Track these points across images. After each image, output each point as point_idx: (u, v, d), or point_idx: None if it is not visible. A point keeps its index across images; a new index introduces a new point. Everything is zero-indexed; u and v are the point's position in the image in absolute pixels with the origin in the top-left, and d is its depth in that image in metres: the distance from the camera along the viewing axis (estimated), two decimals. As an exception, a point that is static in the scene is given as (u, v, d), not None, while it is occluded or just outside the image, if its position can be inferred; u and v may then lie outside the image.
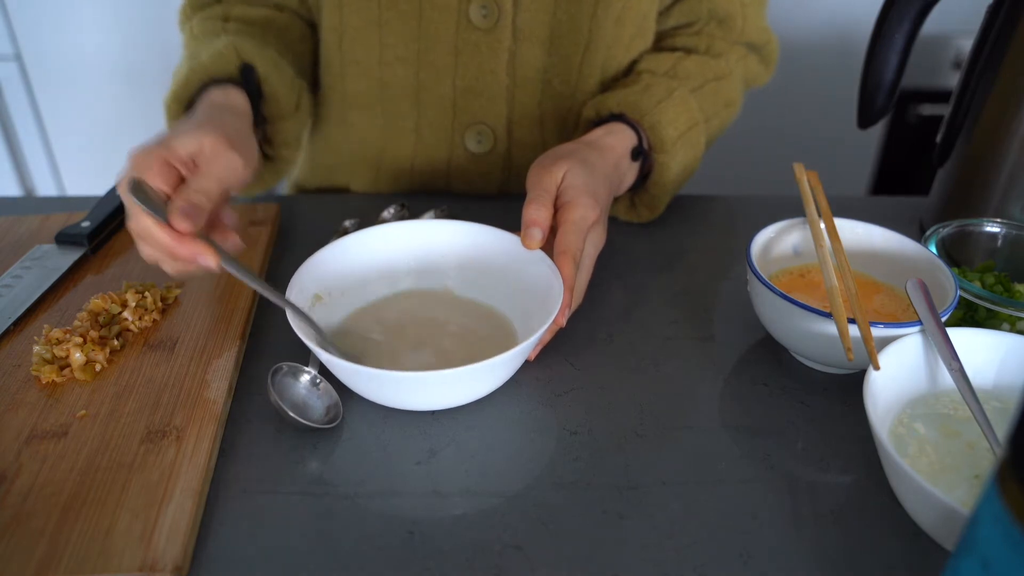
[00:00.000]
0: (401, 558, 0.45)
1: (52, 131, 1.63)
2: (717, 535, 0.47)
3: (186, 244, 0.51)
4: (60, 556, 0.44)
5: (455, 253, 0.64)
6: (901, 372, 0.51)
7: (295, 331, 0.52)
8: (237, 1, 0.77)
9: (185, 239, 0.51)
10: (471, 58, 0.75)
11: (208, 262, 0.51)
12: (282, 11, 0.78)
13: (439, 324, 0.61)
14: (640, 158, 0.72)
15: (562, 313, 0.56)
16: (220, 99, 0.63)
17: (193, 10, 0.78)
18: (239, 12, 0.76)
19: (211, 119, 0.59)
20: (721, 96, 0.79)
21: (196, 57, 0.67)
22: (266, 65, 0.69)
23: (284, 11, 0.78)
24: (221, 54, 0.67)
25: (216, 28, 0.73)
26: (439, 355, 0.58)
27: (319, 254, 0.60)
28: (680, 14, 0.80)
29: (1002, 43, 0.70)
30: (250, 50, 0.68)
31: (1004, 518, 0.29)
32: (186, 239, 0.51)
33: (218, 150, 0.55)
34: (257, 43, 0.71)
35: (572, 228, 0.59)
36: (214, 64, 0.66)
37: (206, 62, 0.66)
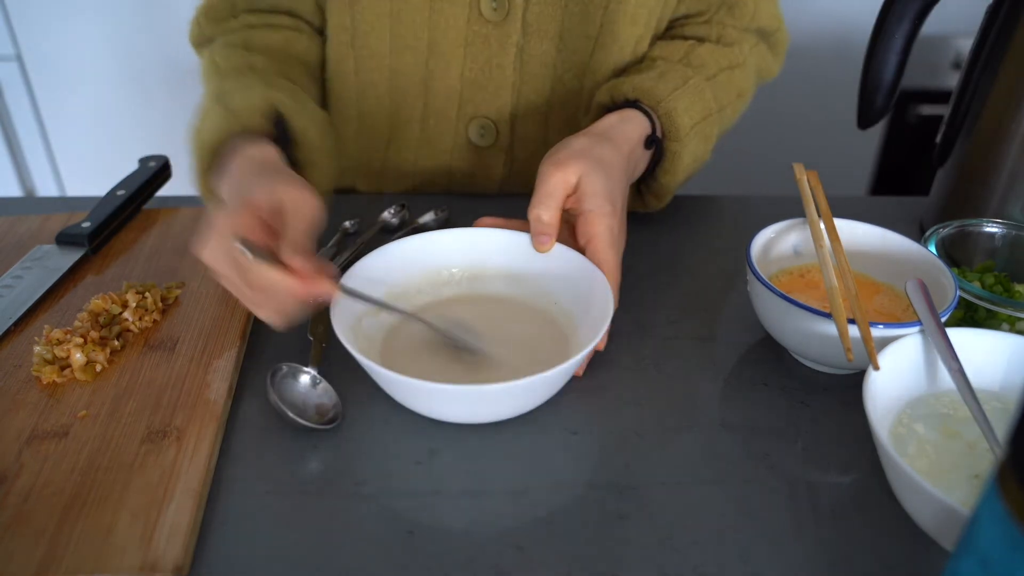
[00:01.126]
0: (401, 558, 0.45)
1: (52, 131, 1.63)
2: (717, 535, 0.47)
3: (311, 282, 0.51)
4: (61, 556, 0.44)
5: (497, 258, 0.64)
6: (901, 372, 0.51)
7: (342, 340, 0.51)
8: (256, 20, 0.76)
9: (308, 278, 0.51)
10: (480, 51, 0.75)
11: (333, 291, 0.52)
12: (299, 28, 0.77)
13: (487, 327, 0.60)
14: (653, 146, 0.71)
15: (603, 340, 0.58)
16: (259, 156, 0.61)
17: (211, 25, 0.76)
18: (260, 40, 0.74)
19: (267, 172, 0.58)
20: (734, 85, 0.78)
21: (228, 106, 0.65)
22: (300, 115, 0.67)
23: (301, 27, 0.77)
24: (255, 107, 0.65)
25: (241, 63, 0.71)
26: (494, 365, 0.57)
27: (367, 259, 0.60)
28: (691, 2, 0.80)
29: (1002, 43, 0.70)
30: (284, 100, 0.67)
31: (1004, 518, 0.29)
32: (308, 277, 0.51)
33: (298, 198, 0.55)
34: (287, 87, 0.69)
35: (602, 244, 0.59)
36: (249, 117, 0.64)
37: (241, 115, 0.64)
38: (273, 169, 0.60)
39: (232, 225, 0.52)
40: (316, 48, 0.79)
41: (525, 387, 0.49)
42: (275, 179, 0.56)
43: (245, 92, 0.66)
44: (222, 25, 0.76)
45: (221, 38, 0.75)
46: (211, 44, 0.76)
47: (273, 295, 0.51)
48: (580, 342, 0.57)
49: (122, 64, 1.56)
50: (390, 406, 0.55)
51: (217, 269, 0.52)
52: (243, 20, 0.76)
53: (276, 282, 0.50)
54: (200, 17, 0.77)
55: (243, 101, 0.65)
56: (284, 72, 0.73)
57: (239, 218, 0.52)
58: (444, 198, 0.83)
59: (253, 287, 0.51)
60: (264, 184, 0.55)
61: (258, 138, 0.63)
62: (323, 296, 0.52)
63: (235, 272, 0.52)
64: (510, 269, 0.63)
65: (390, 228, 0.77)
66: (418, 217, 0.78)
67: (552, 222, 0.59)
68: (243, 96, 0.66)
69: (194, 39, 0.79)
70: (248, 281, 0.51)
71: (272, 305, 0.52)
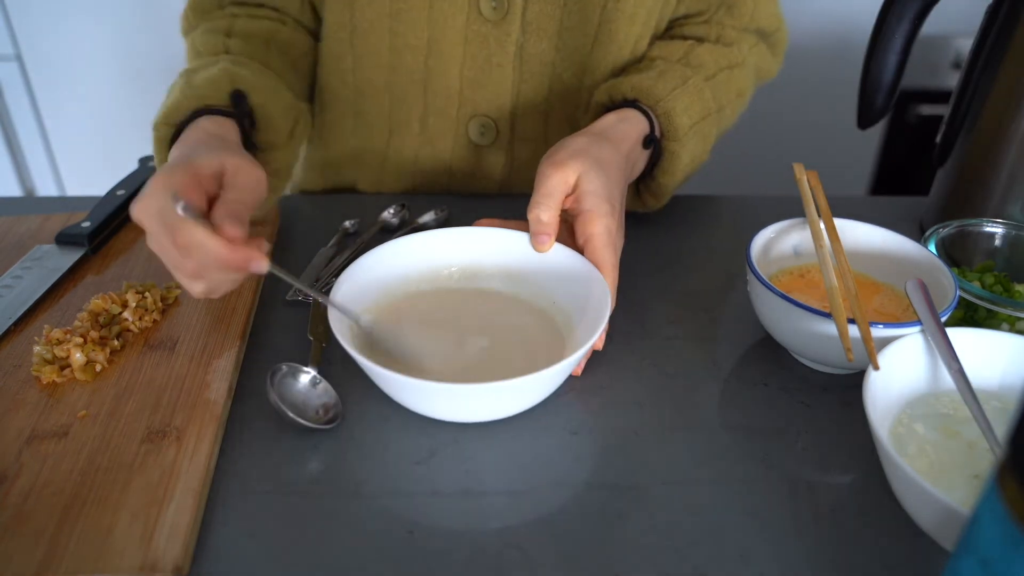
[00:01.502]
0: (401, 558, 0.45)
1: (52, 131, 1.63)
2: (717, 535, 0.47)
3: (238, 250, 0.50)
4: (61, 556, 0.44)
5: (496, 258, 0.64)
6: (901, 372, 0.51)
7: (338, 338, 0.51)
8: (241, 11, 0.76)
9: (237, 245, 0.50)
10: (479, 49, 0.76)
11: (261, 265, 0.51)
12: (284, 22, 0.78)
13: (484, 323, 0.61)
14: (651, 146, 0.71)
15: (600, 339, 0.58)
16: (214, 129, 0.62)
17: (196, 16, 0.77)
18: (242, 26, 0.75)
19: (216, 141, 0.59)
20: (733, 86, 0.78)
21: (191, 80, 0.66)
22: (262, 93, 0.67)
23: (287, 22, 0.78)
24: (215, 81, 0.65)
25: (218, 45, 0.72)
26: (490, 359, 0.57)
27: (361, 261, 0.59)
28: (691, 2, 0.80)
29: (1002, 43, 0.70)
30: (246, 76, 0.67)
31: (1004, 518, 0.29)
32: (238, 245, 0.50)
33: (241, 166, 0.55)
34: (255, 68, 0.69)
35: (601, 243, 0.59)
36: (207, 90, 0.64)
37: (199, 88, 0.65)
38: (223, 140, 0.60)
39: (168, 182, 0.51)
40: (300, 42, 0.79)
41: (523, 385, 0.49)
42: (222, 147, 0.56)
43: (208, 68, 0.67)
44: (208, 16, 0.77)
45: (204, 25, 0.75)
46: (193, 32, 0.76)
47: (197, 256, 0.50)
48: (578, 341, 0.57)
49: (122, 64, 1.56)
50: (390, 406, 0.55)
51: (147, 225, 0.52)
52: (228, 11, 0.76)
53: (202, 242, 0.49)
54: (187, 9, 0.78)
55: (204, 76, 0.66)
56: (259, 57, 0.73)
57: (176, 176, 0.52)
58: (444, 198, 0.83)
59: (178, 246, 0.51)
60: (210, 150, 0.55)
61: (219, 116, 0.63)
62: (248, 265, 0.50)
63: (163, 230, 0.51)
64: (509, 268, 0.63)
65: (390, 228, 0.77)
66: (418, 217, 0.78)
67: (551, 222, 0.59)
68: (205, 72, 0.66)
69: (183, 31, 0.79)
70: (175, 240, 0.50)
71: (194, 268, 0.51)
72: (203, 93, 0.64)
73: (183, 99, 0.64)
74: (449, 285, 0.63)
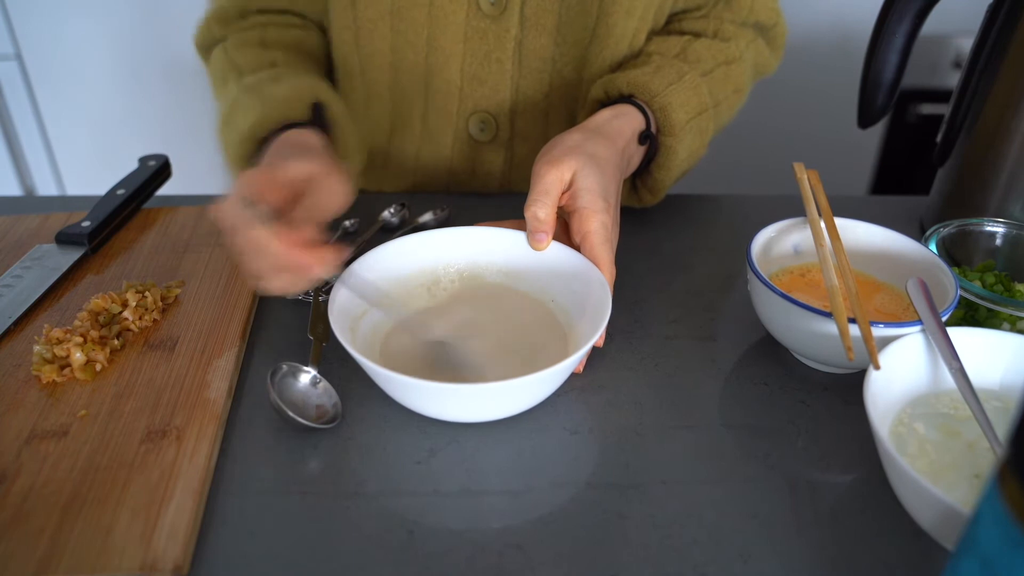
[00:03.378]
0: (401, 558, 0.45)
1: (52, 131, 1.63)
2: (717, 535, 0.47)
3: (303, 254, 0.50)
4: (60, 556, 0.44)
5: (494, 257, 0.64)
6: (901, 372, 0.51)
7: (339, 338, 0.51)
8: (267, 20, 0.76)
9: (303, 249, 0.50)
10: (479, 45, 0.76)
11: (325, 271, 0.51)
12: (307, 27, 0.78)
13: (484, 323, 0.60)
14: (647, 142, 0.71)
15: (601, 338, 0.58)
16: (301, 140, 0.62)
17: (221, 27, 0.77)
18: (275, 36, 0.75)
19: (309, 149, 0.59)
20: (731, 81, 0.78)
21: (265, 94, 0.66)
22: (338, 104, 0.69)
23: (308, 26, 0.79)
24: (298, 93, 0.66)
25: (262, 59, 0.73)
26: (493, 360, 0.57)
27: (362, 261, 0.59)
28: None
29: (1002, 43, 0.70)
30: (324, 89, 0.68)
31: (1004, 518, 0.29)
32: (304, 248, 0.50)
33: (325, 174, 0.55)
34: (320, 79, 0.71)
35: (598, 240, 0.59)
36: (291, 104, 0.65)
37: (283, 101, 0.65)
38: (316, 148, 0.61)
39: (248, 183, 0.52)
40: (324, 46, 0.80)
41: (524, 385, 0.49)
42: (314, 154, 0.57)
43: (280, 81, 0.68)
44: (232, 26, 0.77)
45: (233, 37, 0.76)
46: (222, 43, 0.76)
47: (262, 256, 0.50)
48: (579, 339, 0.57)
49: (122, 63, 1.56)
50: (390, 406, 0.55)
51: (222, 223, 0.52)
52: (253, 20, 0.77)
53: (266, 243, 0.50)
54: (210, 19, 0.78)
55: (281, 90, 0.66)
56: (303, 66, 0.74)
57: (257, 177, 0.52)
58: (444, 197, 0.83)
59: (249, 246, 0.51)
60: (301, 156, 0.56)
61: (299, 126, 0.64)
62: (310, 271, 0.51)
63: (233, 227, 0.51)
64: (507, 267, 0.63)
65: (390, 227, 0.77)
66: (418, 216, 0.78)
67: (548, 220, 0.59)
68: (279, 85, 0.67)
69: (201, 41, 0.79)
70: (245, 240, 0.51)
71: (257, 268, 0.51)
72: (287, 108, 0.65)
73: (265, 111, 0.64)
74: (448, 285, 0.63)
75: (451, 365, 0.57)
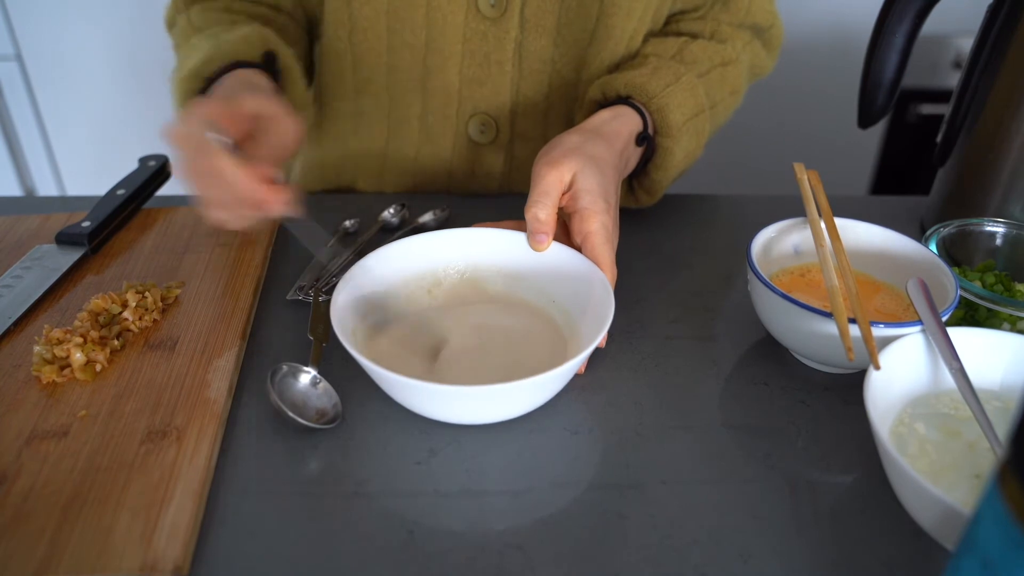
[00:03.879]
0: (401, 558, 0.45)
1: (52, 131, 1.63)
2: (717, 535, 0.47)
3: (261, 187, 0.50)
4: (60, 556, 0.44)
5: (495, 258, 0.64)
6: (902, 372, 0.51)
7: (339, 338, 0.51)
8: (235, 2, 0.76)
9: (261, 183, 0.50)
10: (478, 47, 0.76)
11: (280, 208, 0.51)
12: (277, 12, 0.78)
13: (485, 324, 0.60)
14: (644, 143, 0.71)
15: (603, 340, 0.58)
16: (252, 78, 0.62)
17: (185, 3, 0.77)
18: (241, 8, 0.75)
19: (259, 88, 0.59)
20: (727, 83, 0.78)
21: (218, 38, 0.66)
22: (288, 56, 0.69)
23: (280, 14, 0.78)
24: (248, 39, 0.66)
25: (223, 19, 0.73)
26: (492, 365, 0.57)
27: (362, 262, 0.59)
28: None
29: (1002, 43, 0.70)
30: (275, 39, 0.69)
31: (1005, 518, 0.29)
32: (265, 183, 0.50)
33: (280, 112, 0.55)
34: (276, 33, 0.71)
35: (599, 241, 0.59)
36: (241, 47, 0.65)
37: (233, 44, 0.65)
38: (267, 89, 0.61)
39: (207, 111, 0.52)
40: (293, 29, 0.80)
41: (526, 388, 0.49)
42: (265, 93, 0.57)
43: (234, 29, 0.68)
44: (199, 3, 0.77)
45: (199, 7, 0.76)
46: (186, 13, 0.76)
47: (224, 187, 0.51)
48: (581, 341, 0.57)
49: (122, 64, 1.56)
50: (390, 406, 0.55)
51: (179, 147, 0.52)
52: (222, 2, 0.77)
53: (228, 173, 0.50)
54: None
55: (235, 35, 0.66)
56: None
57: (216, 107, 0.53)
58: (444, 198, 0.83)
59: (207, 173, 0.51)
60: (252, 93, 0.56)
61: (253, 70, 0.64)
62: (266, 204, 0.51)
63: (192, 152, 0.51)
64: (508, 269, 0.63)
65: (390, 228, 0.77)
66: (418, 217, 0.78)
67: (549, 221, 0.59)
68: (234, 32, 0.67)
69: (168, 18, 0.79)
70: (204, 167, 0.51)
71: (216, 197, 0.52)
72: (237, 49, 0.65)
73: (215, 54, 0.64)
74: (449, 286, 0.63)
75: (452, 366, 0.57)
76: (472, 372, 0.56)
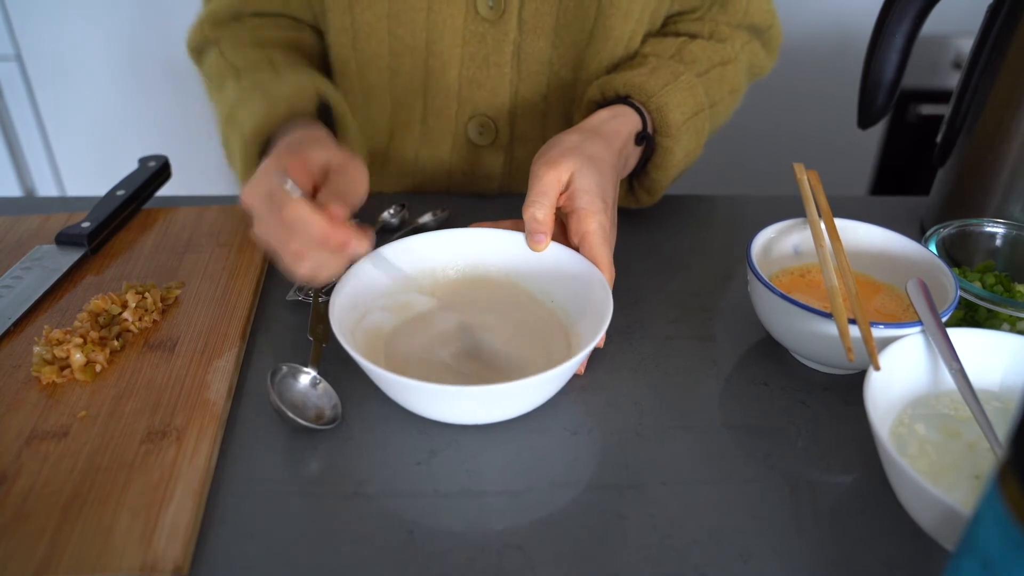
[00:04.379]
0: (401, 558, 0.45)
1: (52, 131, 1.63)
2: (717, 535, 0.47)
3: (341, 229, 0.51)
4: (60, 556, 0.44)
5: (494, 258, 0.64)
6: (901, 372, 0.51)
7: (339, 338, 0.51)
8: (262, 22, 0.76)
9: (340, 225, 0.51)
10: (477, 49, 0.76)
11: (361, 247, 0.51)
12: (302, 29, 0.79)
13: (485, 324, 0.60)
14: (644, 142, 0.71)
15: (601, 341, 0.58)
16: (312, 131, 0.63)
17: (214, 29, 0.77)
18: (270, 36, 0.75)
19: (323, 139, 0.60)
20: (726, 82, 0.78)
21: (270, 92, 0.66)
22: (341, 102, 0.70)
23: (303, 28, 0.79)
24: (301, 89, 0.67)
25: (260, 58, 0.73)
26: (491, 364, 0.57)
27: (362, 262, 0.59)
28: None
29: (1002, 43, 0.70)
30: (328, 87, 0.69)
31: (1005, 519, 0.29)
32: (341, 225, 0.51)
33: (347, 161, 0.56)
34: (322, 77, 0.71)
35: (596, 241, 0.59)
36: (297, 100, 0.66)
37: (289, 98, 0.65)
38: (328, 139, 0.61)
39: (278, 164, 0.53)
40: (319, 48, 0.80)
41: (526, 387, 0.49)
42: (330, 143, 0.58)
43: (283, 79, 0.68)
44: (226, 28, 0.77)
45: (227, 39, 0.76)
46: (217, 45, 0.76)
47: (301, 234, 0.51)
48: (580, 340, 0.57)
49: (122, 64, 1.56)
50: (390, 406, 0.55)
51: (255, 206, 0.53)
52: (248, 23, 0.77)
53: (305, 218, 0.50)
54: (203, 21, 0.78)
55: (285, 86, 0.67)
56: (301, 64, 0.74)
57: (287, 159, 0.53)
58: (444, 198, 0.83)
59: (283, 223, 0.51)
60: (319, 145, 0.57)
61: (305, 121, 0.64)
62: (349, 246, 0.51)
63: (270, 209, 0.52)
64: (507, 268, 0.63)
65: (390, 228, 0.77)
66: (417, 217, 0.78)
67: (547, 221, 0.59)
68: (283, 82, 0.67)
69: (194, 44, 0.79)
70: (280, 217, 0.51)
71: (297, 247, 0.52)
72: (293, 104, 0.65)
73: (271, 108, 0.64)
74: (448, 286, 0.63)
75: (451, 367, 0.57)
76: (471, 372, 0.56)
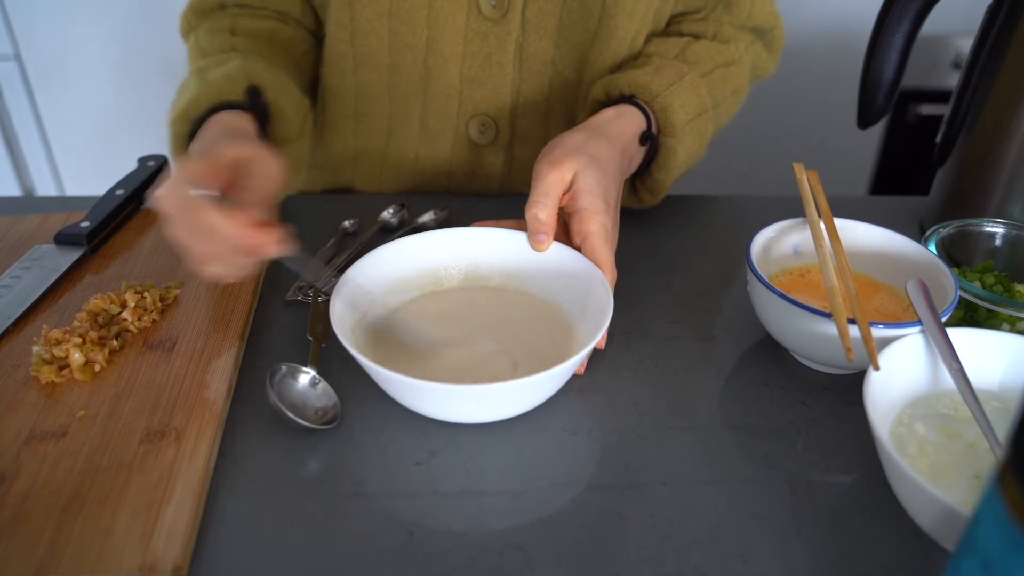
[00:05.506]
0: (401, 558, 0.45)
1: (52, 131, 1.63)
2: (717, 535, 0.47)
3: (251, 233, 0.50)
4: (60, 556, 0.43)
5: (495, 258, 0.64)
6: (901, 372, 0.51)
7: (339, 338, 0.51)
8: (242, 12, 0.77)
9: (251, 228, 0.50)
10: (479, 48, 0.76)
11: (274, 250, 0.51)
12: (286, 22, 0.78)
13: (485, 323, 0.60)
14: (648, 142, 0.71)
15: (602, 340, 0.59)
16: (232, 123, 0.63)
17: (197, 17, 0.78)
18: (246, 24, 0.75)
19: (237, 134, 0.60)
20: (730, 83, 0.78)
21: (206, 77, 0.67)
22: (276, 89, 0.69)
23: (288, 22, 0.78)
24: (232, 77, 0.67)
25: (224, 44, 0.73)
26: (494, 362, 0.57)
27: (362, 262, 0.59)
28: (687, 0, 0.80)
29: (1002, 43, 0.70)
30: (261, 73, 0.69)
31: (1004, 519, 0.29)
32: (255, 228, 0.50)
33: (260, 155, 0.56)
34: (266, 64, 0.71)
35: (598, 241, 0.59)
36: (224, 86, 0.66)
37: (217, 84, 0.66)
38: (244, 133, 0.62)
39: (188, 171, 0.52)
40: (301, 40, 0.80)
41: (525, 386, 0.49)
42: (242, 139, 0.58)
43: (222, 65, 0.69)
44: (209, 16, 0.77)
45: (205, 26, 0.76)
46: (195, 32, 0.77)
47: (216, 240, 0.51)
48: (580, 340, 0.57)
49: (122, 64, 1.56)
50: (390, 406, 0.55)
51: (168, 211, 0.52)
52: (230, 12, 0.77)
53: (218, 225, 0.50)
54: (188, 10, 0.79)
55: (219, 73, 0.67)
56: (264, 54, 0.74)
57: (197, 164, 0.53)
58: (444, 198, 0.83)
59: (197, 230, 0.51)
60: (230, 140, 0.57)
61: (235, 111, 0.65)
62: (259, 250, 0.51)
63: (180, 214, 0.52)
64: (508, 268, 0.63)
65: (390, 228, 0.77)
66: (417, 217, 0.78)
67: (549, 221, 0.59)
68: (220, 69, 0.68)
69: (182, 31, 0.80)
70: (193, 224, 0.51)
71: (209, 251, 0.52)
72: (220, 89, 0.66)
73: (200, 95, 0.65)
74: (449, 286, 0.63)
75: (451, 366, 0.56)
76: (471, 371, 0.56)
